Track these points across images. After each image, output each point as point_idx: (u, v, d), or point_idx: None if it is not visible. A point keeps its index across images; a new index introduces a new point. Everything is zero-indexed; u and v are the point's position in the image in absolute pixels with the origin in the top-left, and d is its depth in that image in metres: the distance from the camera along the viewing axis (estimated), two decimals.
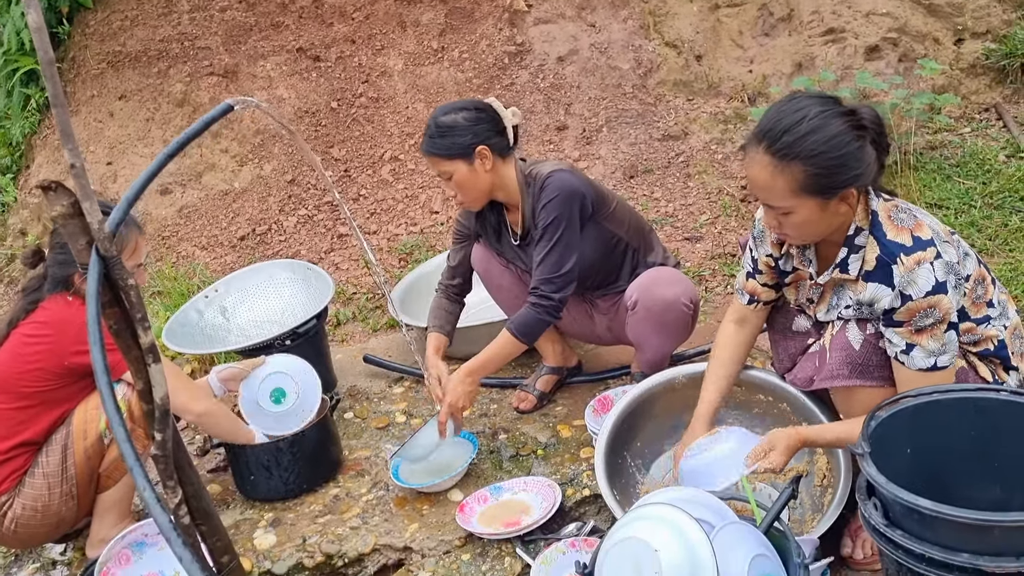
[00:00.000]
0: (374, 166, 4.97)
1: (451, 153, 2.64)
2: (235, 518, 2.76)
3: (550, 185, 2.66)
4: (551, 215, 2.65)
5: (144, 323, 1.57)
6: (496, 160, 2.68)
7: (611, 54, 5.19)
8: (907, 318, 1.94)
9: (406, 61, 5.31)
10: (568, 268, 2.66)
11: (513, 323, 2.70)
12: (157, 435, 1.65)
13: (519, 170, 2.75)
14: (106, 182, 5.21)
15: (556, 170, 2.69)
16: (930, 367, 1.96)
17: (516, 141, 2.75)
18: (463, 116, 2.65)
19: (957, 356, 2.02)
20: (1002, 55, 4.70)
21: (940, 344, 1.94)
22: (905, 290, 1.91)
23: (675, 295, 2.67)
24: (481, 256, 2.98)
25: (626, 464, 2.53)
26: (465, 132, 2.63)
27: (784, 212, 1.97)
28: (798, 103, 1.95)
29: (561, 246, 2.65)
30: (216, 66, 5.35)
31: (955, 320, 1.94)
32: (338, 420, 3.18)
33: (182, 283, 4.34)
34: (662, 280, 2.71)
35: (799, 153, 1.89)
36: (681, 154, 4.69)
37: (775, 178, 1.93)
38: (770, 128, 1.93)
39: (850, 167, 1.91)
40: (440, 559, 2.46)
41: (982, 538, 1.56)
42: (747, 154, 1.99)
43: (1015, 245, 3.53)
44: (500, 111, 2.70)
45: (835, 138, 1.89)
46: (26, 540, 2.60)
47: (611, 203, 2.80)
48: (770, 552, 1.77)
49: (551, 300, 2.66)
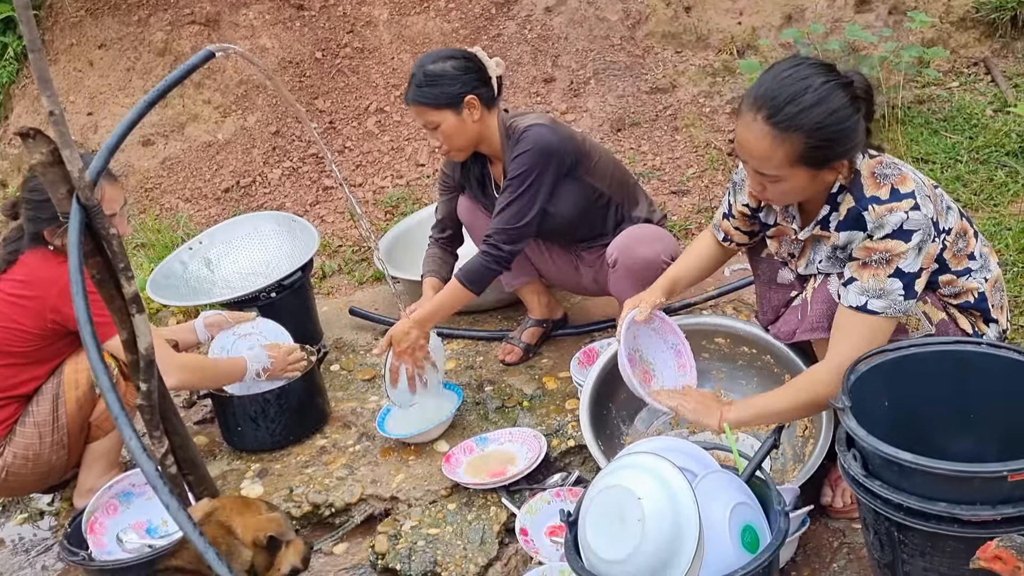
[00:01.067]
0: (359, 118, 4.92)
1: (439, 103, 2.61)
2: (222, 469, 2.77)
3: (525, 138, 2.63)
4: (519, 168, 2.63)
5: (127, 272, 1.56)
6: (483, 111, 2.66)
7: (599, 5, 5.12)
8: (862, 255, 1.94)
9: (391, 11, 5.23)
10: (525, 222, 2.65)
11: (462, 271, 2.70)
12: (142, 385, 1.65)
13: (501, 122, 2.73)
14: (87, 132, 5.14)
15: (534, 124, 2.66)
16: (860, 306, 1.94)
17: (500, 92, 2.72)
18: (451, 65, 2.61)
19: (930, 314, 2.02)
20: (992, 8, 4.67)
21: (879, 286, 1.92)
22: (872, 232, 1.92)
23: (655, 253, 2.66)
24: (467, 208, 2.96)
25: (611, 415, 2.55)
26: (454, 81, 2.60)
27: (773, 180, 1.96)
28: (801, 71, 1.89)
29: (523, 199, 2.64)
30: (197, 14, 5.26)
31: (905, 270, 1.90)
32: (324, 372, 3.18)
33: (166, 235, 4.31)
34: (643, 238, 2.70)
35: (802, 125, 1.85)
36: (669, 107, 4.66)
37: (774, 148, 1.89)
38: (772, 96, 1.88)
39: (847, 140, 1.89)
40: (426, 508, 2.49)
41: (959, 488, 1.59)
42: (742, 119, 1.94)
43: (999, 200, 3.54)
44: (484, 61, 2.67)
45: (838, 111, 1.86)
46: (16, 488, 2.62)
47: (593, 158, 2.77)
48: (751, 500, 1.80)
49: (501, 251, 2.66)
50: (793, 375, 2.38)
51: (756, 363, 2.50)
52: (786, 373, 2.40)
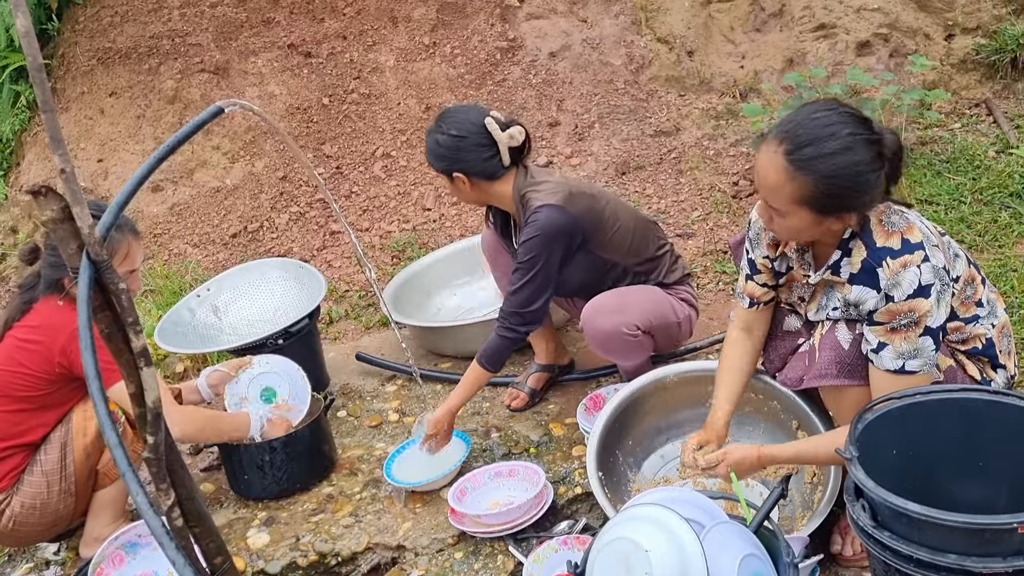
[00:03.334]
0: (366, 163, 4.96)
1: (435, 168, 2.76)
2: (228, 517, 2.76)
3: (534, 222, 2.64)
4: (528, 253, 2.66)
5: (136, 327, 1.57)
6: (478, 182, 2.70)
7: (603, 50, 5.19)
8: (886, 319, 1.94)
9: (398, 57, 5.30)
10: (537, 307, 2.71)
11: (483, 356, 2.74)
12: (149, 438, 1.65)
13: (516, 188, 2.73)
14: (97, 179, 5.19)
15: (544, 205, 2.63)
16: (898, 369, 1.95)
17: (526, 153, 2.75)
18: (443, 139, 2.69)
19: (937, 361, 2.01)
20: (992, 50, 4.72)
21: (912, 347, 1.93)
22: (890, 292, 1.91)
23: (614, 325, 2.67)
24: (491, 244, 3.03)
25: (618, 462, 2.54)
26: (442, 158, 2.71)
27: (779, 213, 1.97)
28: (832, 116, 1.89)
29: (533, 285, 2.68)
30: (207, 63, 5.34)
31: (933, 326, 1.92)
32: (331, 418, 3.18)
33: (174, 281, 4.33)
34: (604, 309, 2.71)
35: (816, 169, 1.86)
36: (673, 150, 4.70)
37: (784, 183, 1.90)
38: (798, 133, 1.88)
39: (857, 196, 1.89)
40: (433, 557, 2.47)
41: (969, 540, 1.58)
42: (766, 145, 1.94)
43: (1004, 241, 3.55)
44: (496, 134, 2.67)
45: (856, 166, 1.85)
46: (23, 538, 2.61)
47: (609, 230, 2.75)
48: (760, 551, 1.79)
49: (518, 332, 2.73)
50: (800, 422, 2.37)
51: (763, 409, 2.49)
52: (793, 419, 2.39)
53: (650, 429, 2.61)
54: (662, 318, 2.75)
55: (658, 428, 2.62)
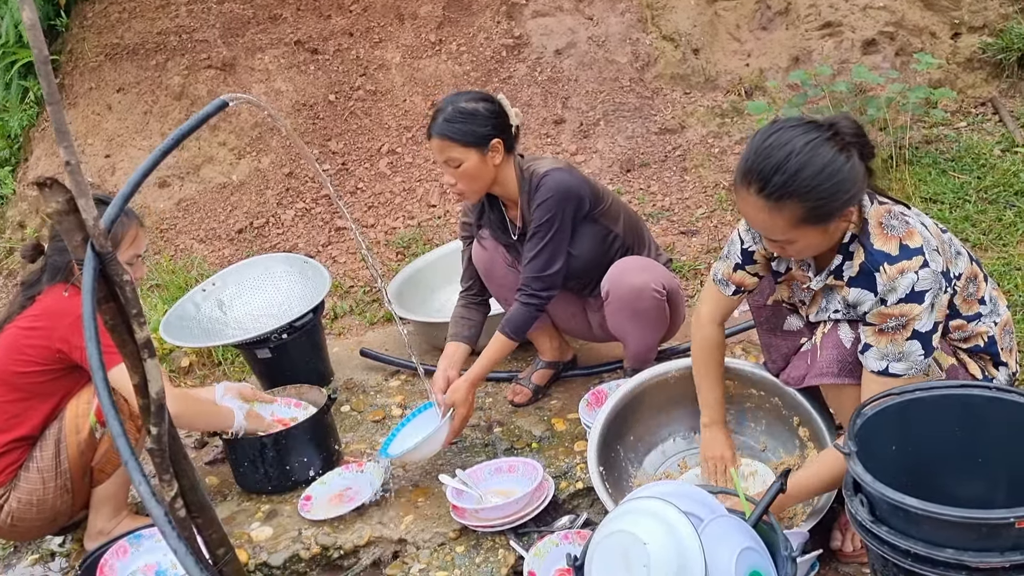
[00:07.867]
0: (371, 159, 4.98)
1: (467, 140, 2.62)
2: (232, 509, 2.78)
3: (545, 185, 2.69)
4: (544, 215, 2.69)
5: (140, 318, 1.58)
6: (504, 155, 2.70)
7: (608, 47, 5.19)
8: (877, 321, 1.94)
9: (404, 54, 5.32)
10: (556, 268, 2.72)
11: (508, 325, 2.76)
12: (152, 429, 1.66)
13: (518, 167, 2.77)
14: (104, 174, 5.22)
15: (552, 169, 2.71)
16: (882, 371, 1.95)
17: (517, 141, 2.78)
18: (483, 106, 2.66)
19: (939, 360, 2.01)
20: (998, 49, 4.71)
21: (898, 350, 1.93)
22: (885, 296, 1.92)
23: (644, 281, 2.69)
24: (483, 255, 2.97)
25: (619, 457, 2.55)
26: (486, 122, 2.64)
27: (786, 243, 1.97)
28: (781, 137, 1.88)
29: (552, 246, 2.70)
30: (214, 59, 5.36)
31: (922, 331, 1.91)
32: (335, 413, 3.19)
33: (180, 276, 4.36)
34: (631, 268, 2.74)
35: (794, 191, 1.85)
36: (678, 148, 4.70)
37: (773, 218, 1.90)
38: (759, 169, 1.87)
39: (845, 191, 1.88)
40: (435, 551, 2.48)
41: (967, 534, 1.58)
42: (738, 194, 1.94)
43: (1008, 239, 3.55)
44: (508, 109, 2.72)
45: (827, 167, 1.84)
46: (23, 534, 2.62)
47: (606, 200, 2.83)
48: (758, 545, 1.79)
49: (540, 298, 2.74)
50: (802, 419, 2.38)
51: (765, 405, 2.50)
52: (795, 415, 2.40)
53: (652, 425, 2.62)
54: (676, 287, 2.84)
55: (660, 424, 2.63)
